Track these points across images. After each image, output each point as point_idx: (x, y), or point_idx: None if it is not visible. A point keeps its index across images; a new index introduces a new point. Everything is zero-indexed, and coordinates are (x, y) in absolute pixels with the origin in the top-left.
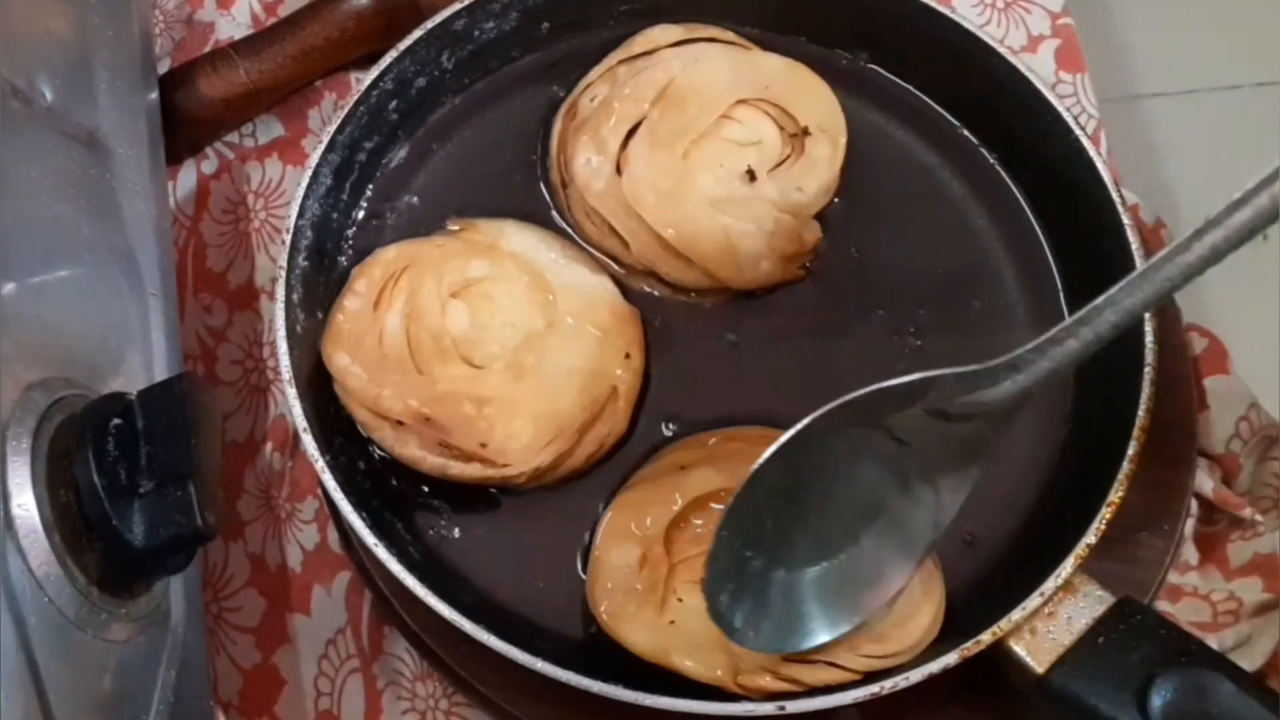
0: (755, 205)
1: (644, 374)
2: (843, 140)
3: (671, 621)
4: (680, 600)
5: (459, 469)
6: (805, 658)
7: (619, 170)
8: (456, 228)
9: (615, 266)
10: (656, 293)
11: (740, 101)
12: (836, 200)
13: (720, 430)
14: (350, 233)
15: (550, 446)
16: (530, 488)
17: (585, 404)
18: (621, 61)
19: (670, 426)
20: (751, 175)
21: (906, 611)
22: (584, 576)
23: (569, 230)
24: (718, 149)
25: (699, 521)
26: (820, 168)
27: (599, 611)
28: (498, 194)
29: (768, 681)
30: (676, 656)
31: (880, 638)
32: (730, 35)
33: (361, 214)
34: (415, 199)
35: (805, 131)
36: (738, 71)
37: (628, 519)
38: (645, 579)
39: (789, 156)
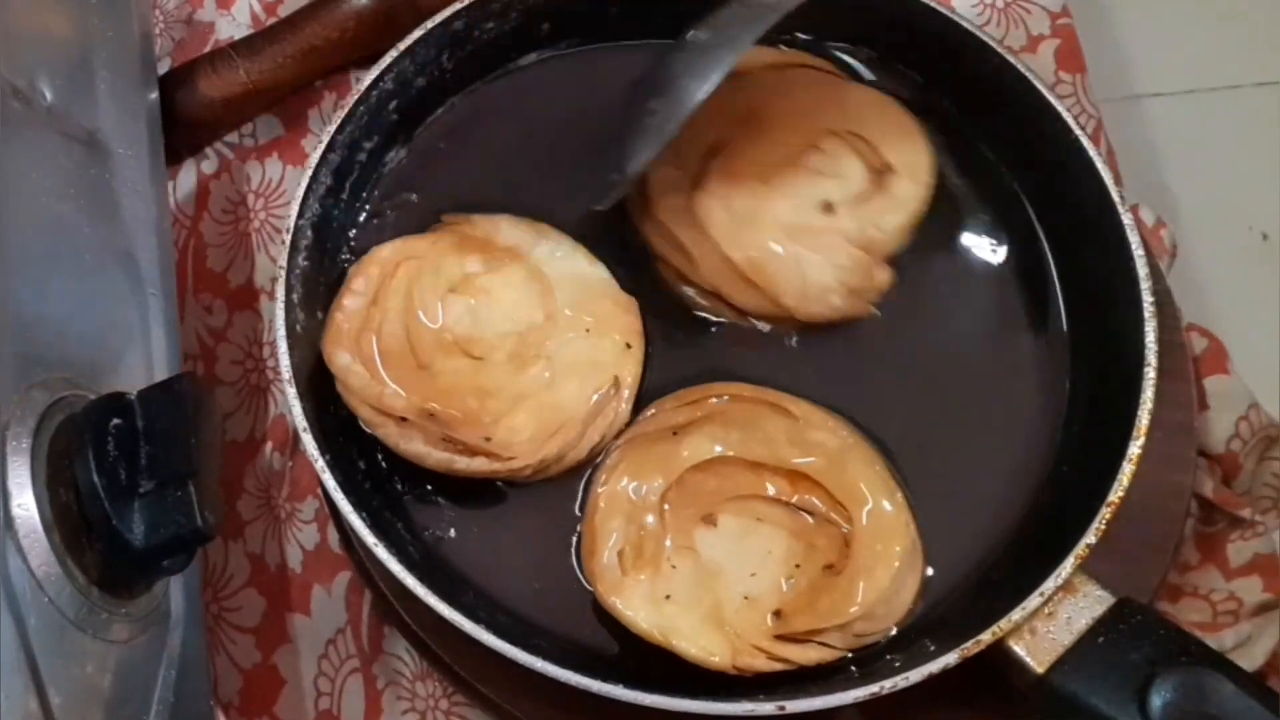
0: (829, 238)
1: (644, 364)
2: (926, 181)
3: (668, 596)
4: (674, 567)
5: (464, 464)
6: (798, 637)
7: (695, 186)
8: (451, 223)
9: (680, 286)
10: (718, 316)
11: (827, 132)
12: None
13: (707, 386)
14: (351, 233)
15: (554, 439)
16: (535, 480)
17: (587, 395)
18: None
19: None
20: (829, 207)
21: (894, 588)
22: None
23: (632, 243)
24: (800, 177)
25: (691, 482)
26: (900, 207)
27: (598, 589)
28: (499, 193)
29: (761, 662)
30: (676, 639)
31: (870, 616)
32: (824, 64)
33: (362, 214)
34: (415, 197)
35: (889, 169)
36: (828, 101)
37: (623, 489)
38: (642, 550)
39: (870, 193)
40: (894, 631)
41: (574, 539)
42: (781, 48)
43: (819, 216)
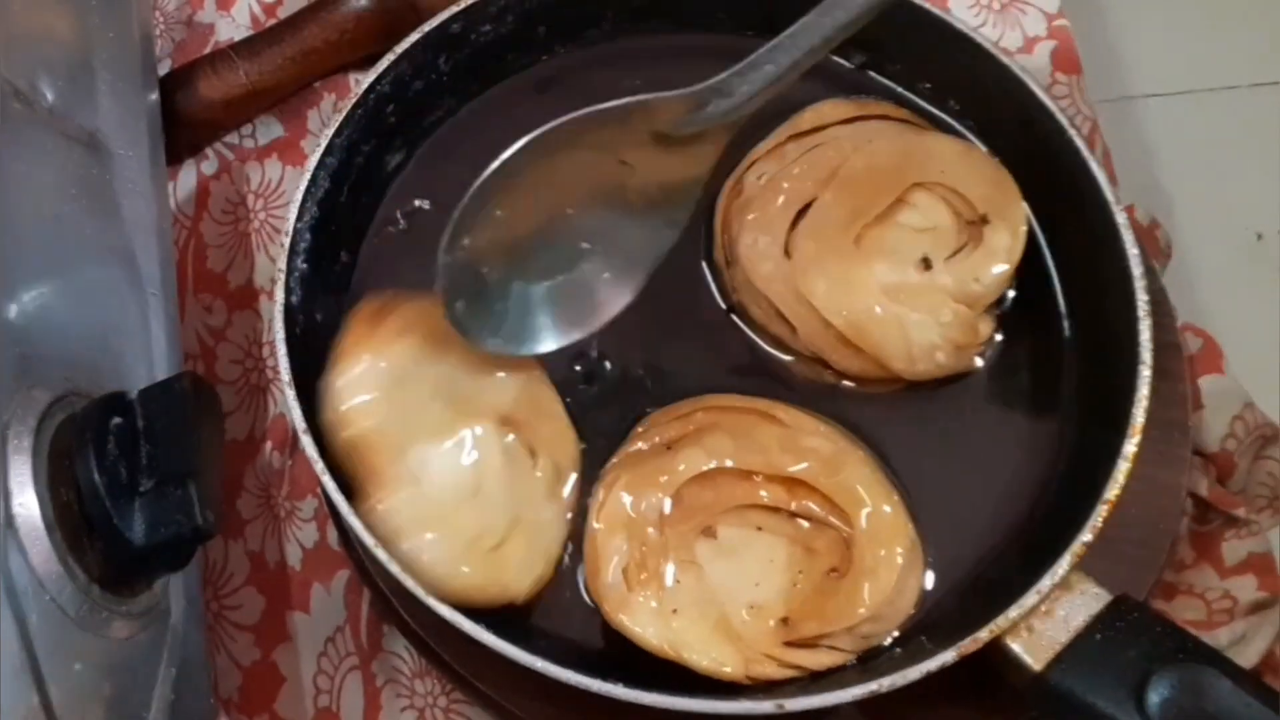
0: (930, 295)
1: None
2: (1023, 230)
3: (675, 611)
4: (678, 581)
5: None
6: (807, 642)
7: (787, 253)
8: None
9: (781, 355)
10: (818, 379)
11: (914, 185)
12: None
13: (696, 399)
14: (350, 235)
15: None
16: None
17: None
18: (790, 138)
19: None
20: (927, 263)
21: (897, 588)
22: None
23: (732, 314)
24: (892, 235)
25: (688, 496)
26: (999, 258)
27: (604, 608)
28: None
29: (773, 670)
30: (688, 652)
31: (877, 617)
32: (902, 113)
33: (361, 216)
34: (428, 204)
35: (983, 219)
36: (912, 153)
37: (622, 506)
38: (645, 566)
39: (965, 244)
40: (895, 631)
41: (571, 536)
42: (859, 98)
43: (917, 274)
